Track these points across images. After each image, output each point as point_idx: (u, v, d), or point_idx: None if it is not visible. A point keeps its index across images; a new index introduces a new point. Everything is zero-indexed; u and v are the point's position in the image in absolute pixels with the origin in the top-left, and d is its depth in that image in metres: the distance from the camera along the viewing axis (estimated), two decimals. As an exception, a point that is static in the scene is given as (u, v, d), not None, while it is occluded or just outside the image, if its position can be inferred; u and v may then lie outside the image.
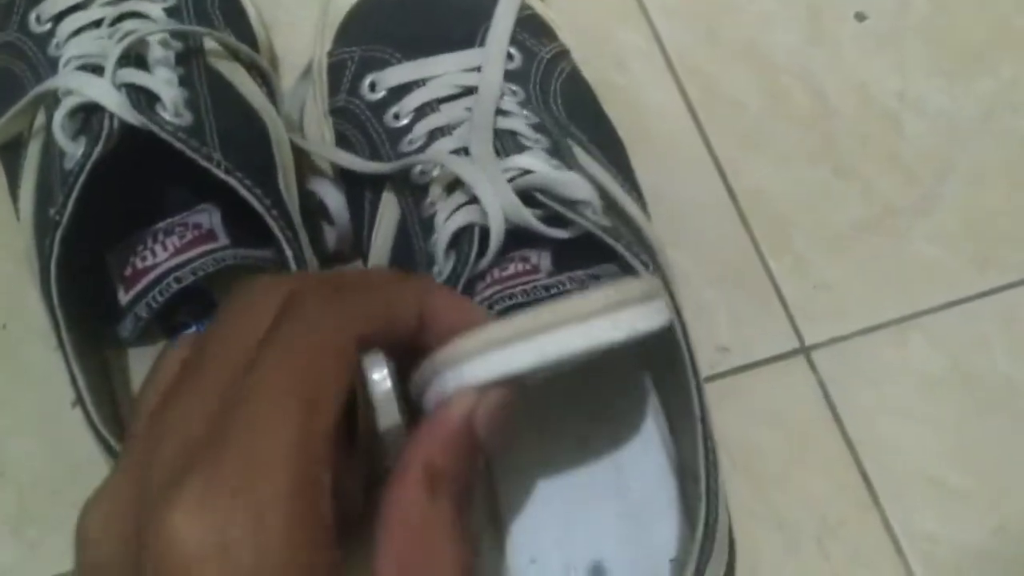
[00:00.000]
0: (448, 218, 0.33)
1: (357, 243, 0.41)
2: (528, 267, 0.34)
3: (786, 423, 0.40)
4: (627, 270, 0.32)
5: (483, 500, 0.34)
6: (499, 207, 0.32)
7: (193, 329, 0.39)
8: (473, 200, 0.33)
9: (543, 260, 0.34)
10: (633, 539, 0.35)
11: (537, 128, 0.37)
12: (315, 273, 0.27)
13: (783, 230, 0.44)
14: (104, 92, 0.34)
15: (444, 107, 0.37)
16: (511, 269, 0.34)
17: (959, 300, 0.43)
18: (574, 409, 0.36)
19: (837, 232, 0.44)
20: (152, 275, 0.37)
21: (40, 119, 0.38)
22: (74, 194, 0.33)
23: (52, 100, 0.36)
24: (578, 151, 0.37)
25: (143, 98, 0.35)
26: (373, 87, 0.39)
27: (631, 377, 0.36)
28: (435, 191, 0.35)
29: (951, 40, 0.48)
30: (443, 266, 0.33)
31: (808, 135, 0.46)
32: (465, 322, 0.25)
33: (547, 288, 0.33)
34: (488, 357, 0.23)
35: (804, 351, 0.42)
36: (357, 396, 0.24)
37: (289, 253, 0.36)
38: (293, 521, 0.20)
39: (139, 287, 0.37)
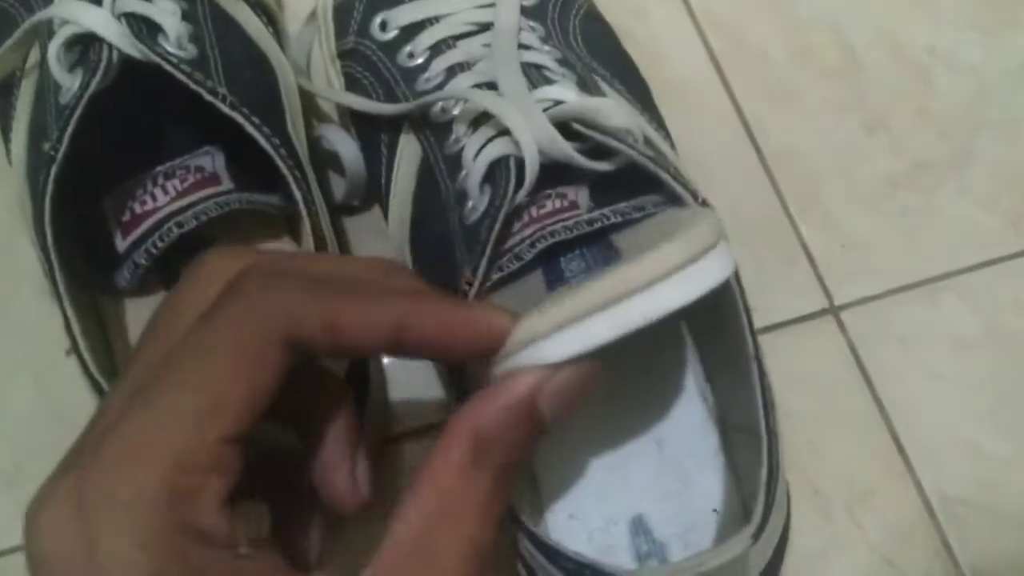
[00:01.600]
0: (478, 153, 0.31)
1: (370, 192, 0.39)
2: (566, 203, 0.32)
3: (815, 386, 0.39)
4: (670, 200, 0.31)
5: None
6: (532, 138, 0.30)
7: (194, 279, 0.37)
8: (502, 133, 0.31)
9: (581, 196, 0.32)
10: (674, 492, 0.33)
11: (562, 63, 0.35)
12: (273, 254, 0.25)
13: (811, 186, 0.43)
14: (102, 21, 0.32)
15: (461, 43, 0.35)
16: (549, 206, 0.32)
17: (993, 260, 0.41)
18: (610, 364, 0.34)
19: (867, 188, 0.43)
20: (152, 220, 0.35)
21: (34, 56, 0.36)
22: (70, 128, 0.31)
23: (47, 31, 0.34)
24: (605, 87, 0.35)
25: (144, 28, 0.33)
26: (384, 26, 0.37)
27: (668, 329, 0.34)
28: (459, 127, 0.33)
29: (983, -6, 0.47)
30: (478, 201, 0.31)
31: (836, 89, 0.45)
32: (480, 335, 0.22)
33: (590, 223, 0.31)
34: (566, 333, 0.21)
35: (833, 311, 0.40)
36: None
37: (298, 195, 0.34)
38: (159, 530, 0.19)
39: (138, 233, 0.35)
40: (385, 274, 0.25)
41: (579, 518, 0.33)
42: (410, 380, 0.38)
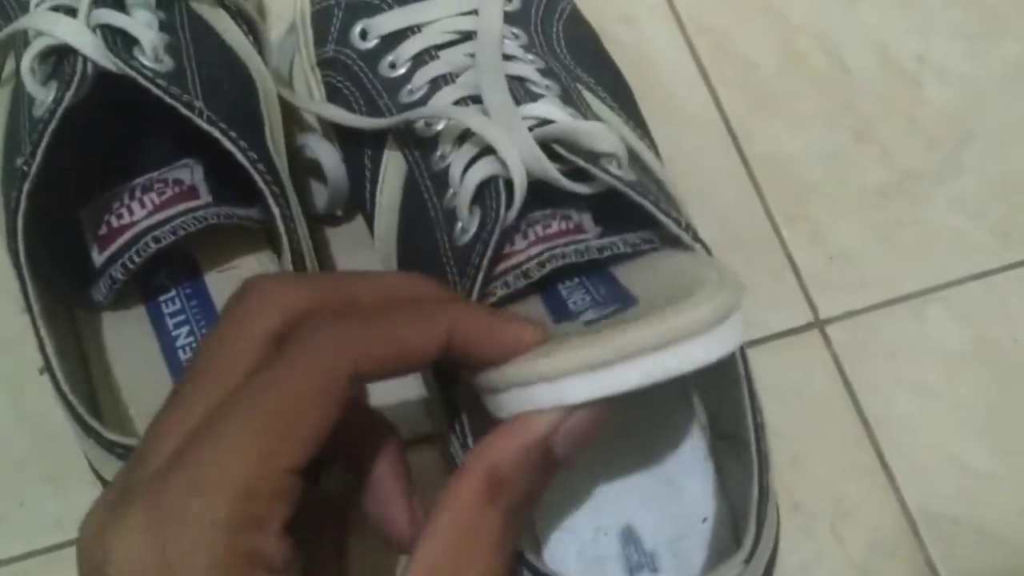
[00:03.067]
0: (465, 171, 0.31)
1: (352, 202, 0.39)
2: (571, 226, 0.32)
3: (800, 400, 0.38)
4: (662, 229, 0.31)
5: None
6: (519, 160, 0.30)
7: (172, 293, 0.37)
8: (488, 151, 0.31)
9: (585, 219, 0.32)
10: (663, 502, 0.33)
11: (545, 73, 0.34)
12: (321, 280, 0.26)
13: (798, 197, 0.42)
14: (77, 33, 0.32)
15: (443, 53, 0.35)
16: (554, 227, 0.32)
17: (981, 273, 0.41)
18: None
19: (854, 199, 0.42)
20: (129, 234, 0.35)
21: (9, 66, 0.36)
22: (43, 143, 0.31)
23: (22, 42, 0.33)
24: (588, 96, 0.35)
25: (120, 41, 0.32)
26: (364, 35, 0.37)
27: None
28: (444, 144, 0.32)
29: (973, 1, 0.46)
30: (468, 222, 0.31)
31: (824, 98, 0.44)
32: (506, 345, 0.23)
33: (600, 250, 0.30)
34: (592, 376, 0.22)
35: (819, 324, 0.40)
36: None
37: (276, 211, 0.33)
38: (228, 556, 0.20)
39: (115, 247, 0.35)
40: (418, 286, 0.26)
41: (570, 530, 0.33)
42: (397, 392, 0.38)
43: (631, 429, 0.34)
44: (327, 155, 0.38)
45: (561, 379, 0.22)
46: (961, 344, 0.40)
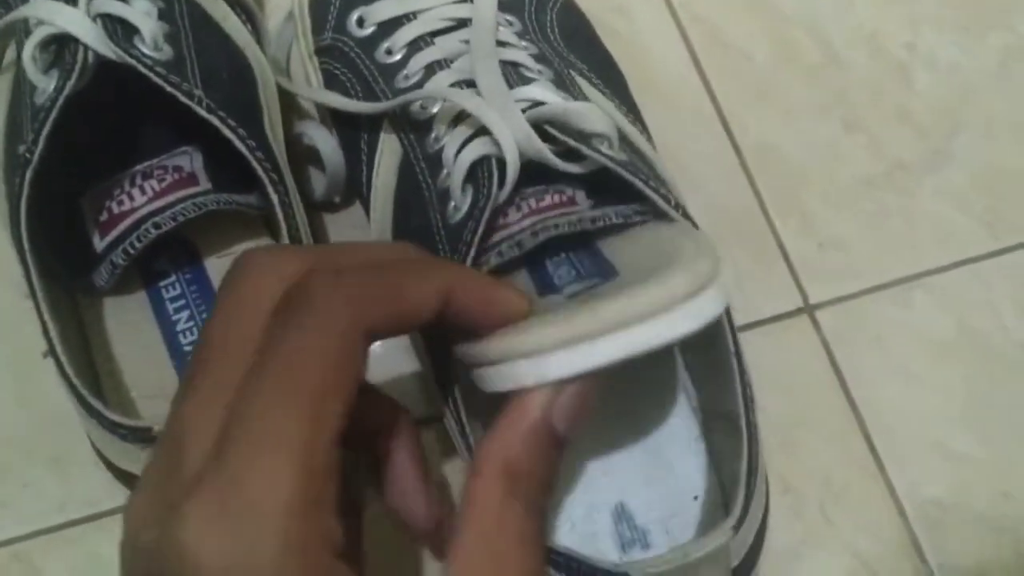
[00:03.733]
0: (459, 152, 0.32)
1: (350, 189, 0.39)
2: (565, 199, 0.33)
3: (789, 384, 0.39)
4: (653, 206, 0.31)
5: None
6: (512, 140, 0.30)
7: (172, 278, 0.37)
8: (481, 132, 0.31)
9: (579, 194, 0.33)
10: (656, 480, 0.34)
11: (538, 59, 0.35)
12: (315, 248, 0.26)
13: (789, 185, 0.43)
14: (77, 22, 0.32)
15: (438, 40, 0.35)
16: (548, 200, 0.32)
17: (968, 260, 0.42)
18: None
19: (845, 188, 0.43)
20: (129, 220, 0.35)
21: (10, 54, 0.36)
22: (45, 130, 0.31)
23: (23, 31, 0.34)
24: (582, 82, 0.35)
25: (120, 29, 0.33)
26: (361, 23, 0.37)
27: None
28: (439, 126, 0.33)
29: (964, -8, 0.47)
30: (460, 201, 0.31)
31: (816, 88, 0.45)
32: (499, 309, 0.24)
33: (593, 220, 0.31)
34: (571, 351, 0.22)
35: (808, 310, 0.41)
36: None
37: (275, 198, 0.34)
38: (297, 538, 0.19)
39: (115, 233, 0.35)
40: (409, 253, 0.26)
41: (562, 507, 0.34)
42: (393, 373, 0.38)
43: (623, 408, 0.35)
44: (325, 142, 0.39)
45: (540, 355, 0.22)
46: (947, 330, 0.40)
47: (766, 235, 0.42)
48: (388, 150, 0.36)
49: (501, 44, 0.35)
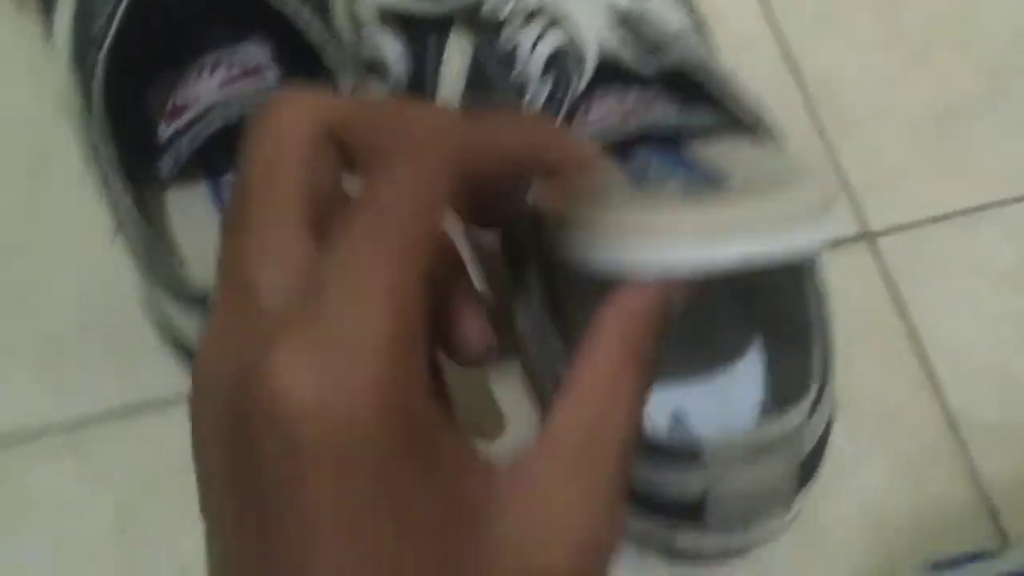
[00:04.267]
0: (534, 46, 0.32)
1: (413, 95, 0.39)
2: (644, 100, 0.32)
3: (849, 308, 0.38)
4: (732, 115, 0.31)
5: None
6: (592, 30, 0.30)
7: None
8: (555, 25, 0.31)
9: (655, 97, 0.32)
10: (716, 391, 0.34)
11: None
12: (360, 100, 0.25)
13: (851, 115, 0.42)
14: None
15: None
16: (629, 101, 0.32)
17: (1030, 194, 0.41)
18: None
19: (907, 119, 0.42)
20: (195, 109, 0.35)
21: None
22: (120, 10, 0.31)
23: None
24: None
25: (198, -89, 0.33)
26: None
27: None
28: (512, 24, 0.33)
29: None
30: (538, 92, 0.31)
31: (880, 20, 0.44)
32: (587, 164, 0.23)
33: (679, 118, 0.31)
34: (703, 248, 0.21)
35: (868, 237, 0.40)
36: None
37: (344, 93, 0.34)
38: (396, 376, 0.19)
39: (181, 122, 0.35)
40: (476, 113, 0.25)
41: None
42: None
43: (683, 316, 0.34)
44: (389, 48, 0.39)
45: (666, 240, 0.22)
46: (1008, 262, 0.40)
47: (826, 163, 0.42)
48: (456, 53, 0.36)
49: None
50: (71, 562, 0.35)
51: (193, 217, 0.36)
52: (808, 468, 0.30)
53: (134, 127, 0.36)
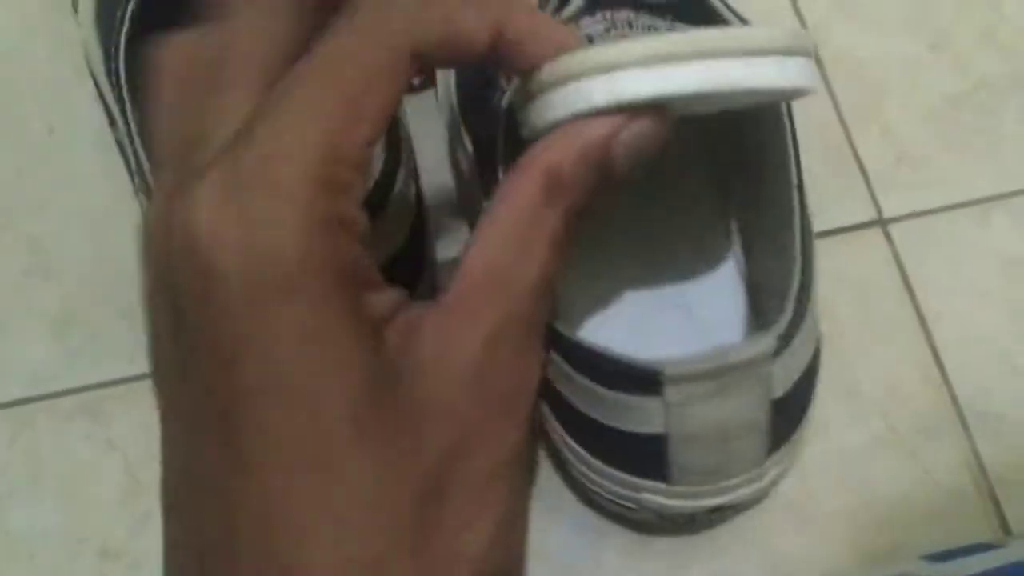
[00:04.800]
0: None
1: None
2: (643, 16, 0.32)
3: (859, 293, 0.39)
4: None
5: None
6: None
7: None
8: None
9: (657, 19, 0.32)
10: (682, 311, 0.34)
11: None
12: None
13: (869, 98, 0.42)
14: None
15: None
16: (623, 15, 0.32)
17: (1048, 184, 0.41)
18: (642, 224, 0.35)
19: (926, 104, 0.42)
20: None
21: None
22: (147, -31, 0.31)
23: None
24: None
25: None
26: None
27: (704, 190, 0.35)
28: None
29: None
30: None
31: (903, 3, 0.44)
32: (553, 43, 0.21)
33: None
34: (656, 70, 0.20)
35: (881, 223, 0.40)
36: None
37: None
38: (317, 215, 0.18)
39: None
40: None
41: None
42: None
43: (670, 282, 0.35)
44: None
45: (619, 70, 0.20)
46: (1022, 251, 0.40)
47: (843, 145, 0.42)
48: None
49: None
50: (82, 522, 0.35)
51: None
52: (783, 423, 0.29)
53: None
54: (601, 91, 0.20)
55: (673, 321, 0.34)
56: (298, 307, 0.18)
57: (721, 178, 0.36)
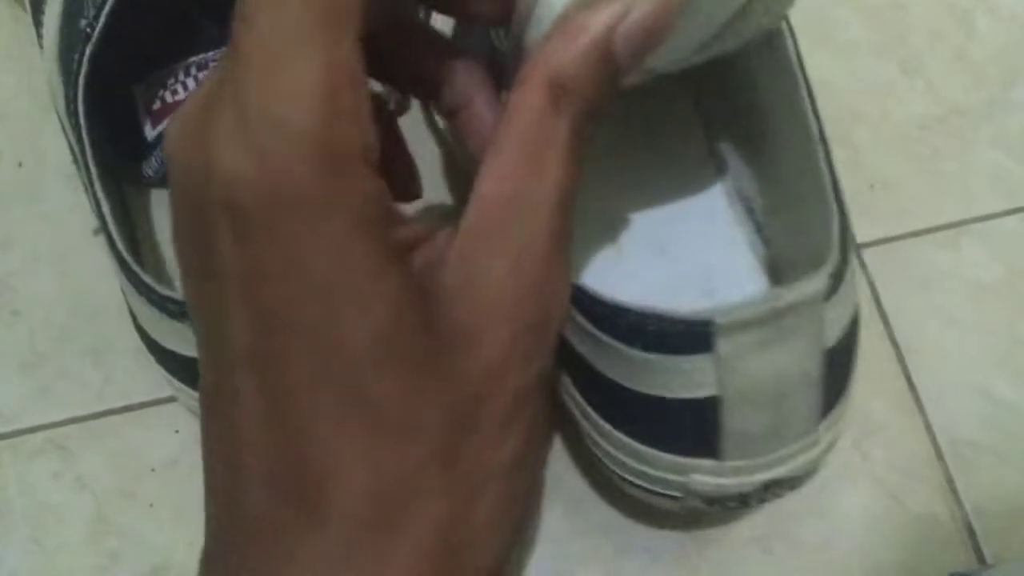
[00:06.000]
0: None
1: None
2: None
3: (832, 320, 0.39)
4: None
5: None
6: None
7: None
8: None
9: None
10: (704, 261, 0.34)
11: None
12: None
13: (841, 123, 0.42)
14: (143, -99, 0.32)
15: None
16: None
17: (1019, 208, 0.41)
18: (657, 218, 0.35)
19: (898, 130, 0.42)
20: (182, 111, 0.35)
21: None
22: (107, 6, 0.31)
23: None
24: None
25: (185, -89, 0.32)
26: None
27: (699, 168, 0.35)
28: None
29: (1030, -58, 0.46)
30: None
31: (875, 28, 0.44)
32: None
33: None
34: None
35: (855, 249, 0.40)
36: None
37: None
38: (327, 143, 0.18)
39: (167, 123, 0.35)
40: None
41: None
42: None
43: (690, 271, 0.34)
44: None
45: None
46: (994, 277, 0.40)
47: (816, 172, 0.41)
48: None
49: None
50: (49, 562, 0.35)
51: (177, 219, 0.36)
52: (834, 378, 0.27)
53: (120, 127, 0.36)
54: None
55: (675, 272, 0.34)
56: (320, 238, 0.18)
57: (708, 125, 0.36)
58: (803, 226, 0.31)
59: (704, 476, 0.27)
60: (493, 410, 0.20)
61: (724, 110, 0.36)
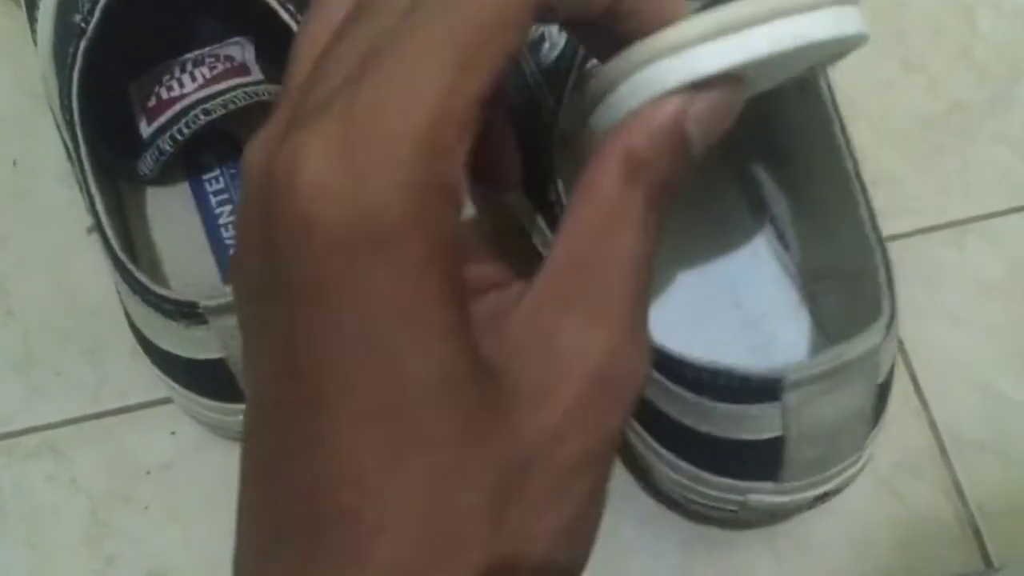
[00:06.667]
0: None
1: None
2: None
3: (835, 318, 0.38)
4: None
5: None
6: None
7: (217, 172, 0.37)
8: None
9: None
10: (759, 347, 0.34)
11: None
12: None
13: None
14: None
15: None
16: None
17: (1022, 206, 0.41)
18: (680, 232, 0.35)
19: (902, 127, 0.42)
20: (178, 106, 0.35)
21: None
22: (102, 0, 0.30)
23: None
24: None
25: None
26: None
27: (721, 184, 0.37)
28: None
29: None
30: (556, 39, 0.32)
31: (878, 25, 0.44)
32: (669, 18, 0.21)
33: None
34: (720, 43, 0.20)
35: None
36: None
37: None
38: (423, 177, 0.18)
39: (164, 119, 0.35)
40: None
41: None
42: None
43: (716, 282, 0.36)
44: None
45: (687, 48, 0.20)
46: (999, 275, 0.40)
47: (818, 169, 0.41)
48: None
49: None
50: (44, 565, 0.34)
51: (173, 217, 0.36)
52: (880, 404, 0.30)
53: (115, 124, 0.35)
54: (675, 73, 0.20)
55: (727, 319, 0.35)
56: (395, 268, 0.18)
57: (744, 166, 0.37)
58: (824, 252, 0.33)
59: (762, 496, 0.30)
60: (552, 471, 0.19)
61: (758, 146, 0.37)
